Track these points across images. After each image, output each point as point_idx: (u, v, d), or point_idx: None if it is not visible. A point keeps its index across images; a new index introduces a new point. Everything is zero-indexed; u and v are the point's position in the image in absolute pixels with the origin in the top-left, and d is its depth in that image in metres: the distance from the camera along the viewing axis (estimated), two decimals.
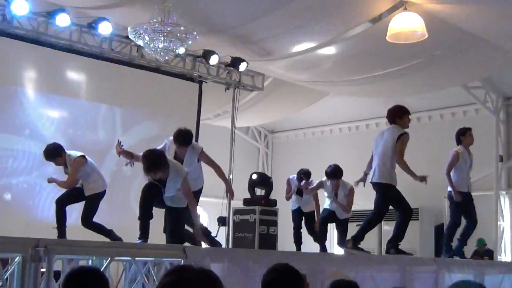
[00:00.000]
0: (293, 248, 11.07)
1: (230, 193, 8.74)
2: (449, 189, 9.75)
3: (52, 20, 9.95)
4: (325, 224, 10.79)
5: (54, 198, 8.93)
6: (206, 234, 8.01)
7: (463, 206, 9.75)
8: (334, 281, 3.62)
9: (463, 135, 9.93)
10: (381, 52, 11.01)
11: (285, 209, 12.53)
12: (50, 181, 8.68)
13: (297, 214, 11.30)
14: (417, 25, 9.37)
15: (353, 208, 10.72)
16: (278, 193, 13.50)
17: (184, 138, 8.15)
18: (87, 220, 8.48)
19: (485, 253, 12.85)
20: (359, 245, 8.70)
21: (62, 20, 9.94)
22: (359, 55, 11.27)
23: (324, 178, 10.71)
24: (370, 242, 13.21)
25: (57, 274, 5.97)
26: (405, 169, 8.63)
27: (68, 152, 8.53)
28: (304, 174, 11.05)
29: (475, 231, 9.89)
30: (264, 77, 13.15)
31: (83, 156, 8.49)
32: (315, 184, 10.82)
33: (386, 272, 7.95)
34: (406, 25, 9.41)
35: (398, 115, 8.87)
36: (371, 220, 8.88)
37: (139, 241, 7.17)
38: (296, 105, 15.14)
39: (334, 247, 13.42)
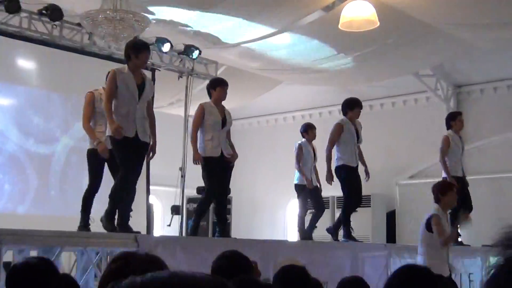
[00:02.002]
0: (247, 236, 11.07)
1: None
2: (443, 175, 9.63)
3: (1, 7, 9.76)
4: None
5: (8, 187, 8.73)
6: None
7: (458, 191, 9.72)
8: (283, 266, 3.65)
9: (453, 120, 9.89)
10: (334, 41, 11.08)
11: (238, 197, 12.54)
12: None
13: None
14: (369, 14, 9.45)
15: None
16: (232, 180, 13.49)
17: None
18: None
19: None
20: None
21: (11, 7, 9.75)
22: (311, 43, 11.32)
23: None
24: (324, 228, 13.31)
25: (7, 265, 5.89)
26: None
27: None
28: None
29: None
30: (217, 65, 13.10)
31: None
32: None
33: (338, 258, 8.05)
34: (358, 14, 9.48)
35: (349, 107, 9.37)
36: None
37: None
38: (250, 94, 15.13)
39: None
